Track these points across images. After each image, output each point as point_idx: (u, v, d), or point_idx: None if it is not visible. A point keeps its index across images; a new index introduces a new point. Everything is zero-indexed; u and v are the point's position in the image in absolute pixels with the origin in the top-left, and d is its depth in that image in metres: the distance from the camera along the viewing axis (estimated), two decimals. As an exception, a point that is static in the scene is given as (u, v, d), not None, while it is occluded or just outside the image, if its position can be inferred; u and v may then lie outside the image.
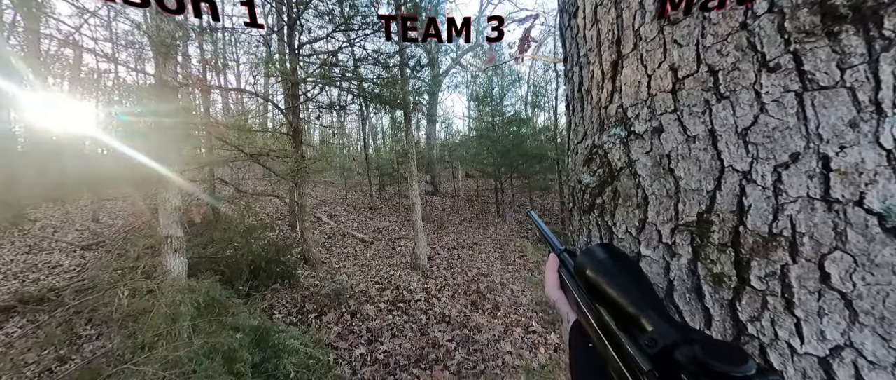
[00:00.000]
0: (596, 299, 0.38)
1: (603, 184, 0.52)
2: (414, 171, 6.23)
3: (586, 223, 0.58)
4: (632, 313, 0.33)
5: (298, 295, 4.93)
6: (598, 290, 0.38)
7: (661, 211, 0.44)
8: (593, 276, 0.39)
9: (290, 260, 5.43)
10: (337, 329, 4.23)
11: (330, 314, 4.53)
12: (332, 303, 4.76)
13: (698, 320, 0.41)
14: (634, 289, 0.35)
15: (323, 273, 5.84)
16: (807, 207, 0.33)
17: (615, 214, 0.50)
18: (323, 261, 6.39)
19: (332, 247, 7.42)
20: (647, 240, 0.46)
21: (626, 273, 0.38)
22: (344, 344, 3.98)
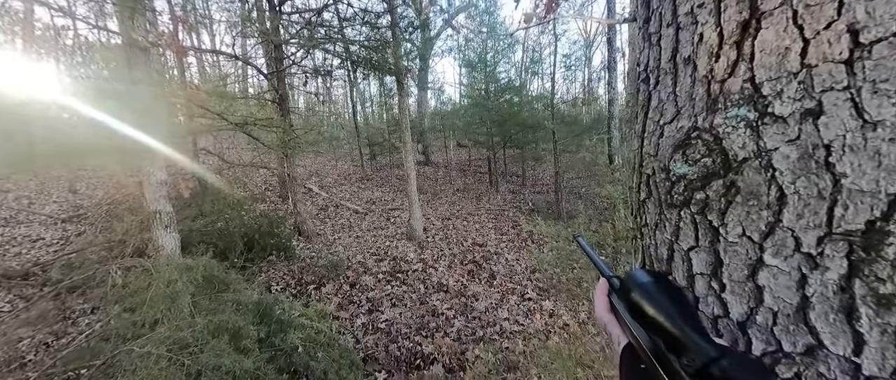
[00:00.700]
0: (640, 321, 0.40)
1: (710, 176, 0.44)
2: (408, 140, 6.04)
3: (673, 219, 0.50)
4: (674, 334, 0.35)
5: (295, 267, 4.91)
6: (641, 312, 0.40)
7: (805, 215, 0.36)
8: (637, 298, 0.41)
9: (283, 232, 5.34)
10: (337, 300, 4.26)
11: (329, 286, 4.55)
12: (330, 274, 4.76)
13: (844, 344, 0.35)
14: (674, 311, 0.37)
15: (319, 245, 5.80)
16: None
17: (727, 213, 0.42)
18: (318, 233, 6.33)
19: (326, 218, 7.33)
20: (775, 247, 0.38)
21: (669, 296, 0.40)
22: (345, 314, 4.03)
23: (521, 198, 10.03)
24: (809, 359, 0.37)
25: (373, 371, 3.17)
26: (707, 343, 0.33)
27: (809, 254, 0.36)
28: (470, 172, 12.75)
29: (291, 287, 4.42)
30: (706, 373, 0.31)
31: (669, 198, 0.50)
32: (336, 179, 10.90)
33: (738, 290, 0.43)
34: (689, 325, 0.35)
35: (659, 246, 0.55)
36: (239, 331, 2.05)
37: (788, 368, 0.39)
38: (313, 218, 7.16)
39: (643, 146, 0.57)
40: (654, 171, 0.54)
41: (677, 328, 0.35)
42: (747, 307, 0.42)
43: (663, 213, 0.52)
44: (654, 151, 0.54)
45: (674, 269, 0.52)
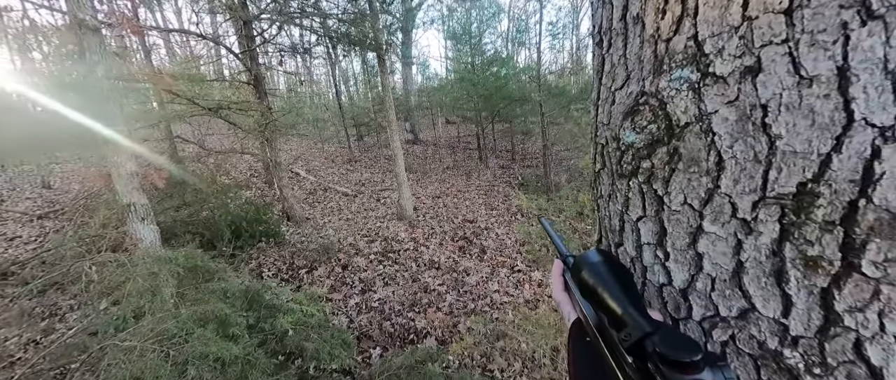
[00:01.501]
0: (588, 299, 0.43)
1: (654, 144, 0.42)
2: (393, 119, 5.91)
3: (623, 190, 0.49)
4: (616, 311, 0.37)
5: (286, 252, 4.90)
6: (589, 290, 0.42)
7: (740, 180, 0.34)
8: (586, 277, 0.43)
9: (271, 218, 5.29)
10: (329, 282, 4.31)
11: (321, 269, 4.57)
12: (321, 258, 4.78)
13: (774, 306, 0.35)
14: (619, 289, 0.39)
15: (308, 229, 5.78)
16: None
17: (670, 181, 0.41)
18: (307, 217, 6.28)
19: (315, 202, 7.27)
20: (714, 214, 0.37)
21: (614, 275, 0.41)
22: (338, 296, 4.08)
23: (510, 173, 10.06)
24: (742, 322, 0.38)
25: (367, 348, 3.26)
26: (643, 319, 0.34)
27: (744, 219, 0.35)
28: (459, 149, 12.66)
29: (283, 272, 4.43)
30: (641, 346, 0.32)
31: (620, 168, 0.49)
32: (323, 162, 10.72)
33: (680, 258, 0.42)
34: (630, 302, 0.37)
35: (612, 217, 0.54)
36: (226, 319, 2.06)
37: (724, 331, 0.40)
38: (301, 202, 7.09)
39: (598, 115, 0.55)
40: (607, 140, 0.52)
41: (619, 305, 0.37)
42: (688, 274, 0.42)
43: (615, 183, 0.51)
44: (606, 119, 0.51)
45: (625, 239, 0.51)
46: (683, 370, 0.29)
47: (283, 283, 4.13)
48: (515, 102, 9.24)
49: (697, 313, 0.42)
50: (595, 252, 0.45)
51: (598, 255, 0.44)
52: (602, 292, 0.40)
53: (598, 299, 0.40)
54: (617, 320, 0.37)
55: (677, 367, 0.29)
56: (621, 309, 0.37)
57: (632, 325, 0.35)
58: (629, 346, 0.34)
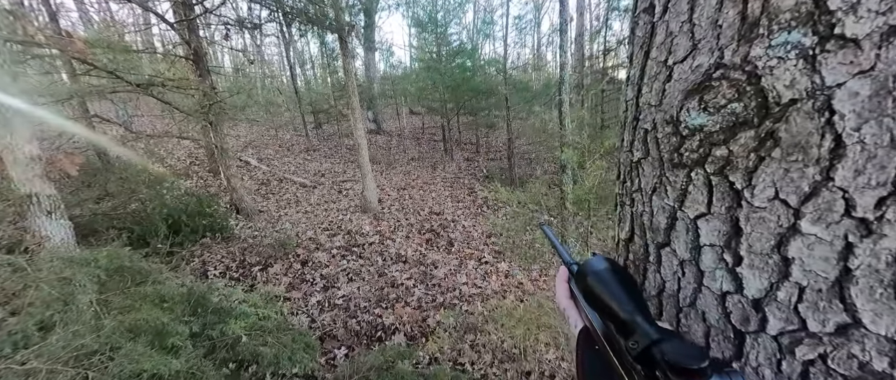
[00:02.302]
0: (593, 306, 0.43)
1: (738, 127, 0.34)
2: (357, 106, 5.58)
3: (678, 182, 0.42)
4: (623, 318, 0.37)
5: (236, 248, 4.44)
6: (595, 297, 0.42)
7: (866, 170, 0.28)
8: (592, 285, 0.43)
9: (218, 211, 4.76)
10: (287, 280, 3.98)
11: (277, 266, 4.21)
12: (277, 254, 4.40)
13: (886, 323, 0.29)
14: (625, 296, 0.39)
15: (262, 223, 5.30)
16: None
17: (756, 172, 0.34)
18: (260, 210, 5.76)
19: (269, 194, 6.69)
20: (817, 212, 0.31)
21: (620, 282, 0.41)
22: (297, 294, 3.79)
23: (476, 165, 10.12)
24: (841, 339, 0.32)
25: (332, 349, 3.07)
26: (651, 327, 0.35)
27: (863, 219, 0.29)
28: (424, 141, 12.46)
29: (232, 270, 4.01)
30: (648, 354, 0.33)
31: (677, 157, 0.41)
32: (277, 150, 9.93)
33: (758, 263, 0.36)
34: (637, 310, 0.37)
35: (656, 214, 0.47)
36: (164, 328, 1.77)
37: (812, 349, 0.34)
38: (253, 194, 6.50)
39: (640, 95, 0.47)
40: (656, 124, 0.44)
41: (626, 313, 0.37)
42: (768, 283, 0.36)
43: (665, 175, 0.44)
44: (656, 99, 0.44)
45: (673, 239, 0.45)
46: (691, 377, 0.30)
47: (234, 282, 3.73)
48: (482, 95, 9.25)
49: (774, 327, 0.36)
50: (600, 259, 0.45)
51: (604, 262, 0.44)
52: (608, 300, 0.40)
53: (604, 306, 0.41)
54: (624, 327, 0.37)
55: (685, 374, 0.30)
56: (629, 317, 0.37)
57: (639, 333, 0.35)
58: (637, 354, 0.34)
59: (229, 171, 4.86)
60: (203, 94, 4.25)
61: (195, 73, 4.42)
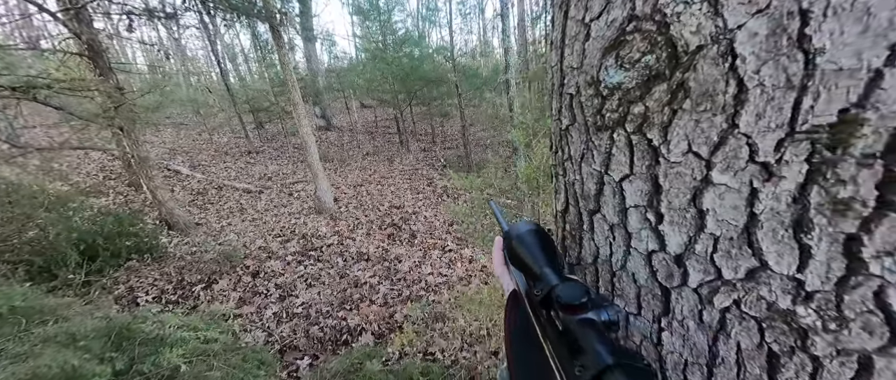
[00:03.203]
0: (517, 266, 0.47)
1: (651, 81, 0.33)
2: (298, 102, 5.20)
3: (603, 146, 0.40)
4: (535, 272, 0.42)
5: (171, 268, 3.96)
6: (515, 256, 0.47)
7: (766, 114, 0.28)
8: (514, 246, 0.47)
9: (144, 229, 4.20)
10: (236, 295, 3.65)
11: (223, 281, 3.84)
12: (222, 268, 4.01)
13: (787, 262, 0.30)
14: (539, 252, 0.44)
15: (200, 237, 4.79)
16: None
17: (670, 126, 0.33)
18: (197, 222, 5.20)
19: (207, 204, 6.05)
20: (726, 161, 0.31)
21: (538, 241, 0.46)
22: (250, 309, 3.50)
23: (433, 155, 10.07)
24: (751, 283, 0.33)
25: (293, 361, 2.89)
26: (555, 276, 0.39)
27: (765, 163, 0.29)
28: (379, 135, 12.09)
29: (169, 293, 3.58)
30: (549, 298, 0.37)
31: (600, 119, 0.40)
32: (213, 155, 9.00)
33: (677, 219, 0.36)
34: (547, 264, 0.42)
35: (586, 180, 0.46)
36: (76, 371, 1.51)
37: (727, 296, 0.35)
38: (187, 206, 5.83)
39: (563, 59, 0.45)
40: (580, 87, 0.42)
41: (538, 267, 0.42)
42: (686, 237, 0.36)
43: (591, 139, 0.42)
44: (578, 61, 0.42)
45: (603, 204, 0.44)
46: (574, 311, 0.35)
47: (171, 306, 3.34)
48: (432, 84, 9.15)
49: (694, 280, 0.37)
50: (524, 224, 0.48)
51: (527, 226, 0.48)
52: (525, 258, 0.44)
53: (523, 264, 0.45)
54: (535, 278, 0.41)
55: (570, 309, 0.35)
56: (539, 270, 0.41)
57: (544, 281, 0.39)
58: (541, 299, 0.38)
59: (152, 182, 4.28)
60: (108, 96, 3.65)
61: (95, 72, 3.77)
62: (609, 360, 0.30)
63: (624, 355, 0.31)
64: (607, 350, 0.31)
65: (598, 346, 0.31)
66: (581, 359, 0.31)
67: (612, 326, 0.37)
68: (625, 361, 0.30)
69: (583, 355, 0.31)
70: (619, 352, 0.31)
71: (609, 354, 0.30)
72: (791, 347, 0.32)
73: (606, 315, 0.36)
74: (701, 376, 0.40)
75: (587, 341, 0.32)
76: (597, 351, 0.31)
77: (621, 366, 0.29)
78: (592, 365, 0.30)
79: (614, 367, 0.29)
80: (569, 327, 0.35)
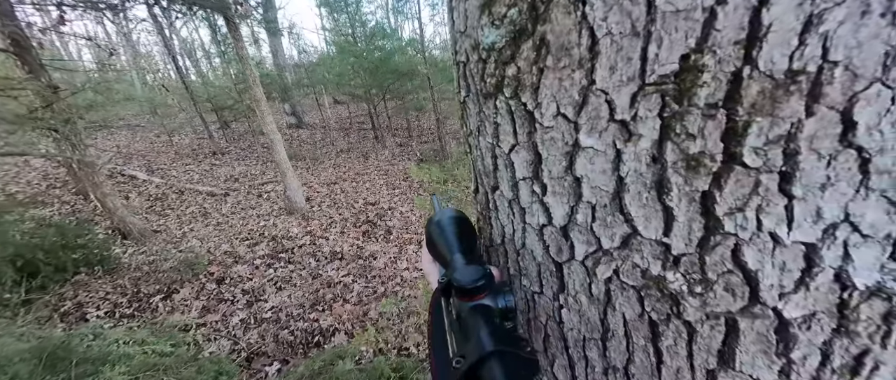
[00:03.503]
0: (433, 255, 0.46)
1: (518, 37, 0.31)
2: (261, 98, 4.96)
3: (491, 115, 0.38)
4: (446, 259, 0.40)
5: (125, 280, 3.70)
6: (432, 245, 0.45)
7: (618, 64, 0.26)
8: (430, 233, 0.45)
9: (94, 240, 3.90)
10: (199, 304, 3.47)
11: (184, 290, 3.63)
12: (183, 277, 3.79)
13: (654, 226, 0.29)
14: (453, 239, 0.42)
15: (159, 245, 4.50)
16: (857, 11, 0.19)
17: (540, 87, 0.31)
18: (155, 230, 4.88)
19: (166, 210, 5.70)
20: (590, 121, 0.29)
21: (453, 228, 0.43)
22: (214, 317, 3.33)
23: (409, 150, 9.94)
24: (625, 251, 0.31)
25: (262, 367, 2.78)
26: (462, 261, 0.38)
27: (623, 121, 0.27)
28: (353, 131, 11.80)
29: (123, 307, 3.35)
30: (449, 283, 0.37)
31: (484, 85, 0.37)
32: (173, 158, 8.49)
33: (558, 188, 0.34)
34: (459, 250, 0.40)
35: (484, 155, 0.43)
36: (-1, 400, 1.37)
37: (607, 266, 0.33)
38: (144, 212, 5.47)
39: (454, 24, 0.42)
40: (467, 54, 0.39)
41: (448, 252, 0.40)
42: (568, 207, 0.34)
43: (482, 109, 0.40)
44: (463, 24, 0.39)
45: (500, 180, 0.42)
46: (470, 297, 0.34)
47: (125, 320, 3.12)
48: (404, 77, 8.99)
49: (580, 252, 0.35)
50: (444, 211, 0.47)
51: (445, 214, 0.46)
52: (439, 246, 0.42)
53: (437, 253, 0.43)
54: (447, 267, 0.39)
55: (464, 295, 0.34)
56: (449, 255, 0.40)
57: (450, 268, 0.38)
58: (443, 286, 0.37)
59: (101, 190, 3.96)
60: (41, 96, 3.32)
61: (24, 70, 3.41)
62: (489, 348, 0.28)
63: (508, 342, 0.29)
64: (491, 338, 0.29)
65: (482, 333, 0.30)
66: (464, 348, 0.30)
67: (509, 312, 0.35)
68: (505, 349, 0.28)
69: (467, 343, 0.30)
70: (504, 339, 0.29)
71: (491, 341, 0.28)
72: (667, 314, 0.31)
73: (504, 301, 0.35)
74: (598, 352, 0.39)
75: (473, 329, 0.31)
76: (480, 339, 0.29)
77: (499, 354, 0.28)
78: (472, 354, 0.28)
79: (492, 355, 0.27)
80: (461, 315, 0.34)
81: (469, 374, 0.27)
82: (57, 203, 5.39)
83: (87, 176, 3.92)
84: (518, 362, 0.28)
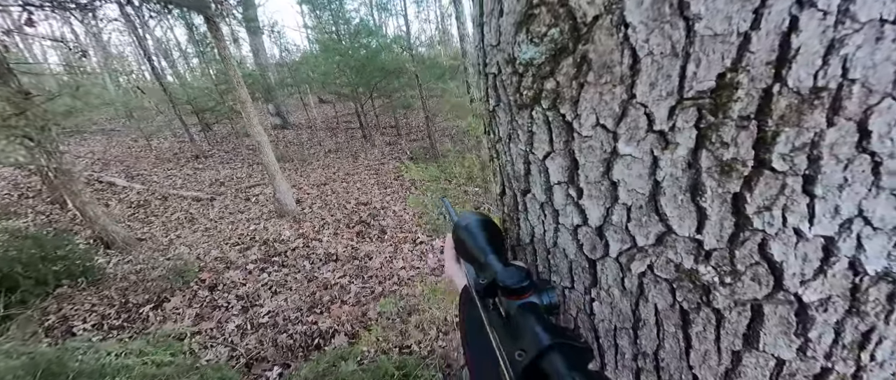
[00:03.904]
0: (465, 258, 0.48)
1: (558, 54, 0.33)
2: (246, 99, 4.84)
3: (525, 124, 0.40)
4: (481, 261, 0.42)
5: (111, 290, 3.58)
6: (464, 248, 0.46)
7: (658, 80, 0.29)
8: (460, 236, 0.47)
9: (75, 251, 3.76)
10: (192, 311, 3.39)
11: (176, 299, 3.55)
12: (173, 285, 3.70)
13: (688, 225, 0.32)
14: (484, 242, 0.43)
15: (145, 253, 4.36)
16: (872, 37, 0.22)
17: (579, 100, 0.33)
18: (139, 238, 4.73)
19: (150, 216, 5.52)
20: (629, 131, 0.32)
21: (483, 230, 0.45)
22: (209, 324, 3.27)
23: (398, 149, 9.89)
24: (660, 248, 0.34)
25: (262, 372, 2.75)
26: (499, 263, 0.39)
27: (661, 131, 0.30)
28: (340, 130, 11.64)
29: (111, 318, 3.24)
30: (492, 285, 0.38)
31: (519, 97, 0.39)
32: (153, 163, 8.20)
33: (594, 192, 0.37)
34: (492, 252, 0.41)
35: (515, 161, 0.46)
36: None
37: (642, 262, 0.36)
38: (126, 221, 5.28)
39: (484, 37, 0.44)
40: (500, 66, 0.41)
41: (481, 255, 0.41)
42: (604, 209, 0.37)
43: (515, 119, 0.42)
44: (495, 38, 0.41)
45: (532, 184, 0.44)
46: (516, 296, 0.35)
47: (115, 332, 3.03)
48: (391, 75, 8.91)
49: (614, 249, 0.38)
50: (469, 215, 0.48)
51: (472, 216, 0.48)
52: (471, 248, 0.43)
53: (469, 255, 0.44)
54: (482, 269, 0.41)
55: (512, 294, 0.36)
56: (484, 258, 0.41)
57: (489, 269, 0.39)
58: (485, 286, 0.38)
59: (80, 198, 3.80)
60: (9, 102, 3.15)
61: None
62: (547, 341, 0.30)
63: (562, 335, 0.31)
64: (546, 332, 0.31)
65: (538, 328, 0.31)
66: (521, 343, 0.31)
67: (554, 308, 0.37)
68: (562, 341, 0.30)
69: (523, 339, 0.31)
70: (558, 333, 0.31)
71: (548, 336, 0.30)
72: (697, 303, 0.34)
73: (548, 298, 0.36)
74: (629, 340, 0.42)
75: (527, 325, 0.32)
76: (536, 334, 0.31)
77: (558, 346, 0.30)
78: (532, 348, 0.30)
79: (552, 347, 0.29)
80: (510, 313, 0.35)
81: (531, 366, 0.29)
82: (31, 213, 5.14)
83: (65, 184, 3.76)
84: (574, 351, 0.31)
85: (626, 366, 0.43)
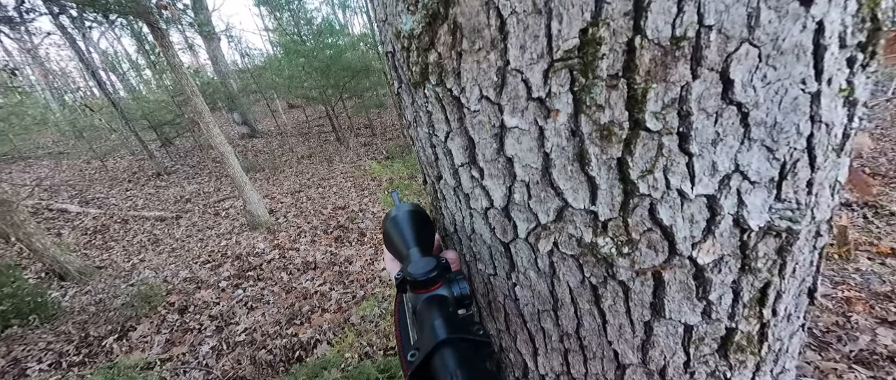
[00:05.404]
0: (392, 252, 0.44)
1: (433, 21, 0.30)
2: (203, 109, 4.59)
3: (423, 105, 0.37)
4: (403, 254, 0.40)
5: (68, 325, 3.33)
6: (390, 242, 0.44)
7: (527, 42, 0.26)
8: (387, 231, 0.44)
9: (23, 287, 3.46)
10: (161, 338, 3.21)
11: (142, 326, 3.34)
12: (138, 313, 3.48)
13: (582, 196, 0.30)
14: (409, 233, 0.41)
15: (105, 282, 4.08)
16: (722, -21, 0.21)
17: (461, 72, 0.31)
18: (98, 266, 4.42)
19: (109, 242, 5.17)
20: (511, 101, 0.29)
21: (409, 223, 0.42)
22: (181, 349, 3.10)
23: (375, 149, 9.72)
24: (560, 223, 0.33)
25: (242, 392, 2.64)
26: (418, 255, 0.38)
27: (540, 98, 0.28)
28: (312, 135, 11.31)
29: (70, 355, 3.02)
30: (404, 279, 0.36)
31: (411, 74, 0.36)
32: (109, 184, 7.69)
33: (493, 170, 0.34)
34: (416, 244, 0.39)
35: (424, 146, 0.43)
36: None
37: (547, 241, 0.35)
38: (82, 249, 4.93)
39: (376, 12, 0.41)
40: (392, 43, 0.38)
41: (404, 247, 0.39)
42: (505, 189, 0.35)
43: (415, 100, 0.39)
44: (383, 12, 0.38)
45: (442, 169, 0.42)
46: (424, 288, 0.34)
47: (75, 369, 2.82)
48: (360, 74, 8.71)
49: (522, 230, 0.36)
50: (401, 206, 0.46)
51: (404, 207, 0.45)
52: (396, 242, 0.41)
53: (395, 250, 0.42)
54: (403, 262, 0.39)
55: (419, 286, 0.34)
56: (405, 250, 0.39)
57: (405, 263, 0.37)
58: (400, 281, 0.37)
59: (23, 230, 3.49)
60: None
61: None
62: (441, 336, 0.28)
63: (460, 328, 0.29)
64: (444, 327, 0.29)
65: (436, 323, 0.30)
66: (420, 340, 0.30)
67: (465, 299, 0.36)
68: (458, 335, 0.29)
69: (422, 335, 0.30)
70: (456, 326, 0.29)
71: (444, 330, 0.29)
72: (603, 277, 0.33)
73: (458, 289, 0.35)
74: (552, 322, 0.41)
75: (428, 320, 0.31)
76: (433, 329, 0.29)
77: (451, 341, 0.28)
78: (426, 345, 0.28)
79: (445, 343, 0.28)
80: (416, 307, 0.34)
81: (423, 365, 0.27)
82: (-30, 252, 4.69)
83: (3, 216, 3.44)
84: (470, 346, 0.29)
85: (555, 349, 0.42)
